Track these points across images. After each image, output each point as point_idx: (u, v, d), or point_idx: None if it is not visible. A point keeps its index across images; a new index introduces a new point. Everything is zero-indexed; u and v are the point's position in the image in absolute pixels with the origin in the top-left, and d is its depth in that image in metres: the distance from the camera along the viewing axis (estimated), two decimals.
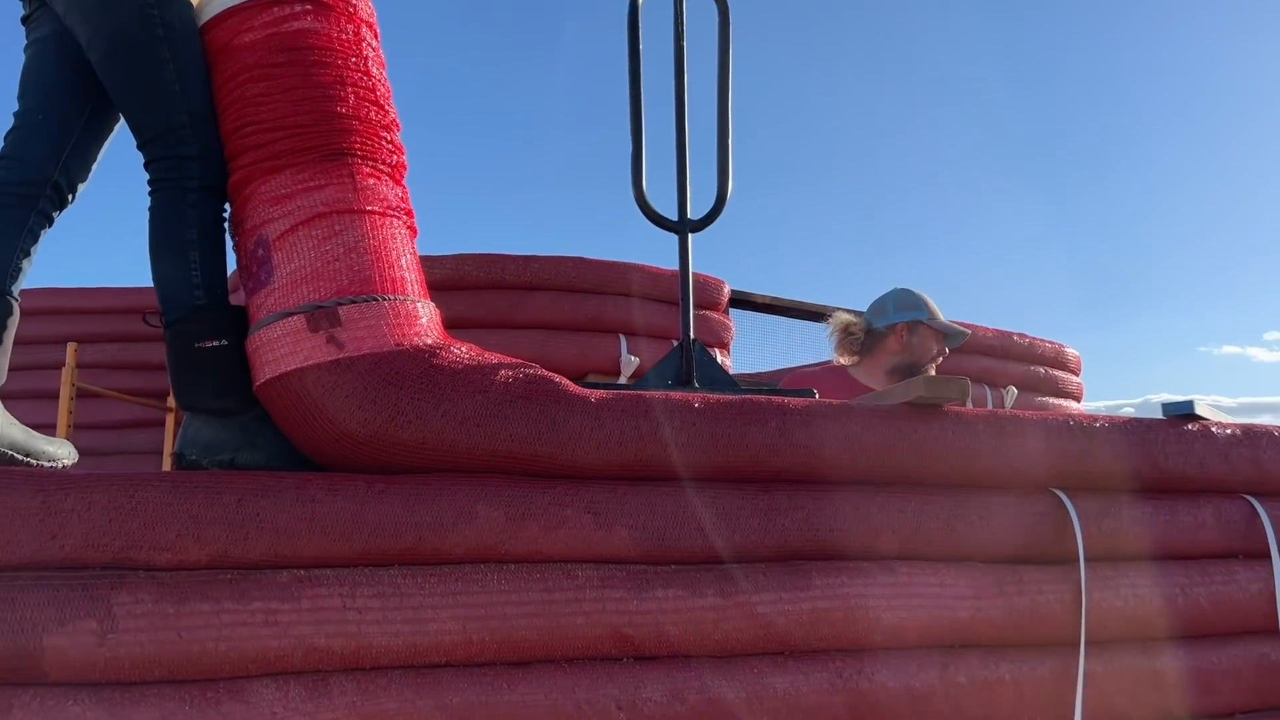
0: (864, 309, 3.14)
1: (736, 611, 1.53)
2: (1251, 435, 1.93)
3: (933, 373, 2.99)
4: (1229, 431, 1.92)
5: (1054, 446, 1.74)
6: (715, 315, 4.31)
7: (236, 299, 1.68)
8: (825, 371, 3.25)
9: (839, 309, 5.16)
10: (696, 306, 4.21)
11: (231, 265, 1.68)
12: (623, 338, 3.92)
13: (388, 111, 1.69)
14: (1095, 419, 1.81)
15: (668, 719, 1.48)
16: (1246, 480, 1.93)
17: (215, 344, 1.58)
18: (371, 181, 1.61)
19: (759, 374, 5.57)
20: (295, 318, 1.50)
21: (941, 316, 3.02)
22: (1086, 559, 1.72)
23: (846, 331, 3.08)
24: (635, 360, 3.83)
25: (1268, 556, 1.89)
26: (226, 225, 1.70)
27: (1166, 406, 1.91)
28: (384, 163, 1.64)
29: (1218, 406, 1.99)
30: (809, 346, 6.03)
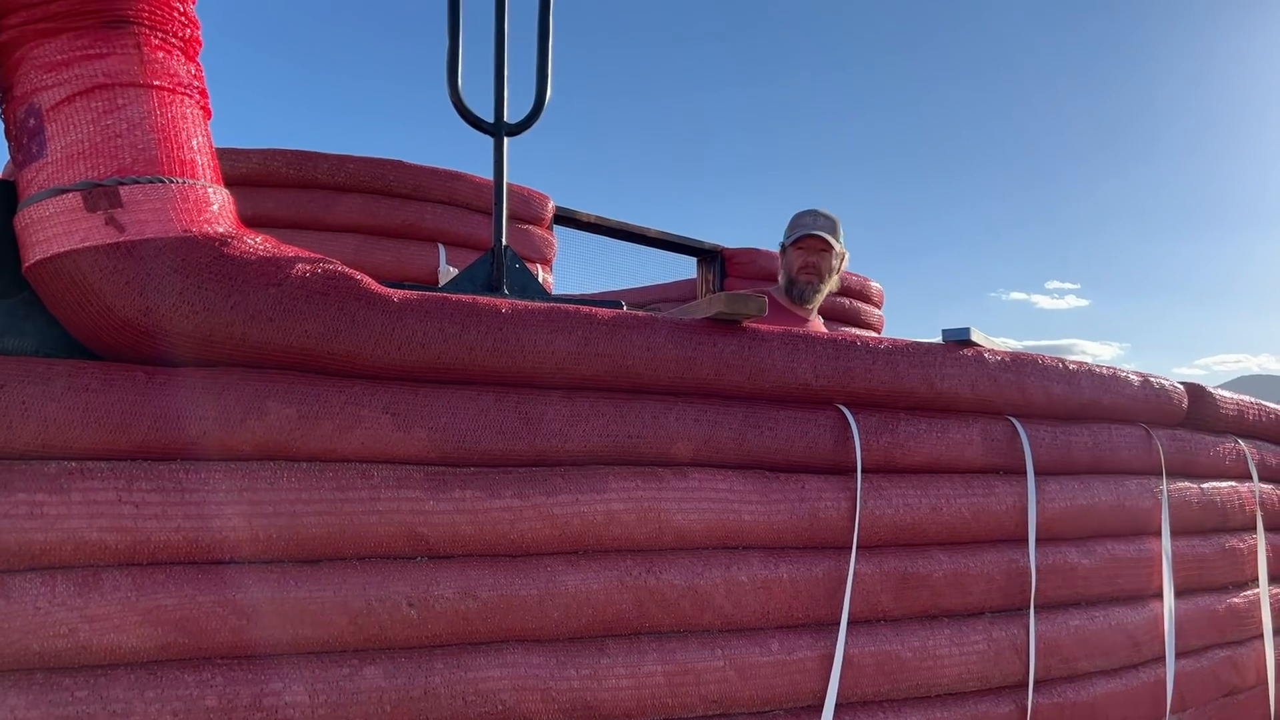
0: (687, 234, 3.29)
1: (533, 513, 1.56)
2: (1018, 362, 2.10)
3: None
4: (999, 358, 2.08)
5: (840, 364, 1.84)
6: (539, 231, 4.27)
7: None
8: None
9: (664, 232, 5.22)
10: (521, 221, 4.18)
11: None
12: (442, 247, 3.84)
13: None
14: (880, 340, 1.92)
15: (460, 615, 1.50)
16: (1011, 403, 2.10)
17: None
18: (160, 55, 1.50)
19: (585, 295, 5.57)
20: (70, 195, 1.39)
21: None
22: (864, 470, 1.85)
23: None
24: (454, 271, 3.75)
25: (1024, 472, 2.08)
26: None
27: (946, 332, 2.05)
28: (175, 35, 1.53)
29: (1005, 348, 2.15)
30: (633, 271, 6.06)
